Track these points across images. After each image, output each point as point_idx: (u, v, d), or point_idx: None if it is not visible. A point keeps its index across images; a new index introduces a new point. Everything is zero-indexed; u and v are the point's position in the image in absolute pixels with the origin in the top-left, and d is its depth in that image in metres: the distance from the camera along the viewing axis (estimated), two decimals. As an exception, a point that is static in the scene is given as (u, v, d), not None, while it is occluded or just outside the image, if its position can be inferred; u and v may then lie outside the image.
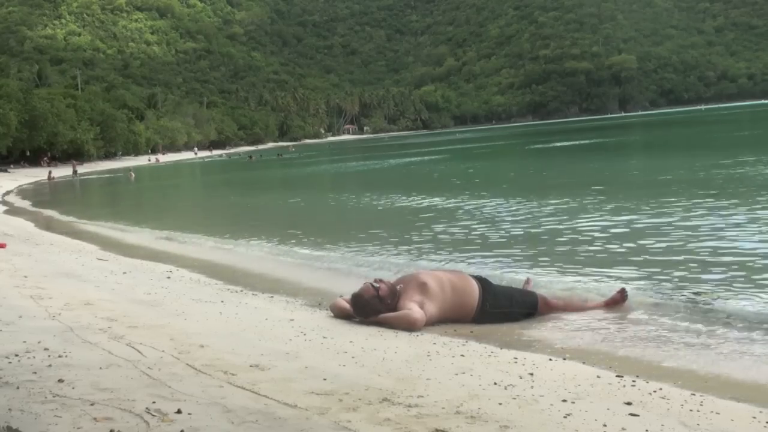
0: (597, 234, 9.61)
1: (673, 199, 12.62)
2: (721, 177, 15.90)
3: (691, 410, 3.33)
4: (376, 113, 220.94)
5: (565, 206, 13.09)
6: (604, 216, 11.25)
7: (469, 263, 8.20)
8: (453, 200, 16.14)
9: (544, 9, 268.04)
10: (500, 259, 8.42)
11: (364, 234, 11.47)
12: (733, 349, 4.60)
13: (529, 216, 12.20)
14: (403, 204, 16.45)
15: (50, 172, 53.66)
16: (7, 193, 36.54)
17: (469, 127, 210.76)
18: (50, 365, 3.72)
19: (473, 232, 10.78)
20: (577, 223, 10.74)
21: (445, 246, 9.69)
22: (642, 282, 6.61)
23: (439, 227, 11.61)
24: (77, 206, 26.72)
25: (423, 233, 11.11)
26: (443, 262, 8.39)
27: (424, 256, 9.00)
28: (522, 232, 10.43)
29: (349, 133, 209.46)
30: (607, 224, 10.37)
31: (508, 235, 10.28)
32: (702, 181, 15.33)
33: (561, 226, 10.57)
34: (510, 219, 12.03)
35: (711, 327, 5.11)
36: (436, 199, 16.68)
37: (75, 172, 57.68)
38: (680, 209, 11.26)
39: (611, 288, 6.33)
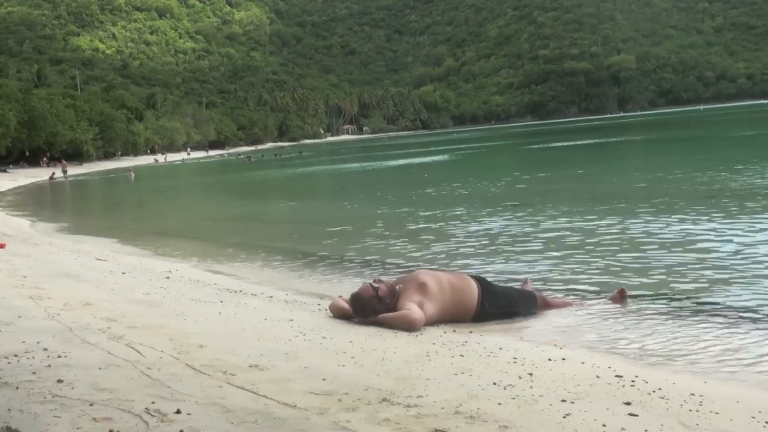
0: (596, 234, 9.61)
1: (672, 200, 12.62)
2: (719, 178, 15.89)
3: (690, 410, 3.34)
4: (375, 113, 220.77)
5: (563, 207, 13.09)
6: (604, 216, 11.25)
7: (468, 264, 8.20)
8: (451, 200, 16.13)
9: (543, 9, 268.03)
10: (498, 259, 8.42)
11: (363, 234, 11.47)
12: (733, 348, 4.60)
13: (527, 217, 12.20)
14: (402, 205, 16.44)
15: (53, 174, 53.53)
16: (6, 192, 36.50)
17: (468, 127, 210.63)
18: (49, 365, 3.72)
19: (471, 233, 10.78)
20: (576, 223, 10.74)
21: (444, 246, 9.69)
22: (641, 282, 6.61)
23: (437, 228, 11.60)
24: (78, 209, 26.65)
25: (422, 233, 11.10)
26: (442, 263, 8.39)
27: (423, 257, 9.01)
28: (520, 233, 10.43)
29: (348, 133, 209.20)
30: (606, 224, 10.37)
31: (505, 236, 10.28)
32: (700, 182, 15.32)
33: (559, 227, 10.57)
34: (507, 220, 12.04)
35: (711, 327, 5.12)
36: (434, 200, 16.67)
37: (64, 172, 57.02)
38: (680, 210, 11.26)
39: (611, 288, 6.34)
